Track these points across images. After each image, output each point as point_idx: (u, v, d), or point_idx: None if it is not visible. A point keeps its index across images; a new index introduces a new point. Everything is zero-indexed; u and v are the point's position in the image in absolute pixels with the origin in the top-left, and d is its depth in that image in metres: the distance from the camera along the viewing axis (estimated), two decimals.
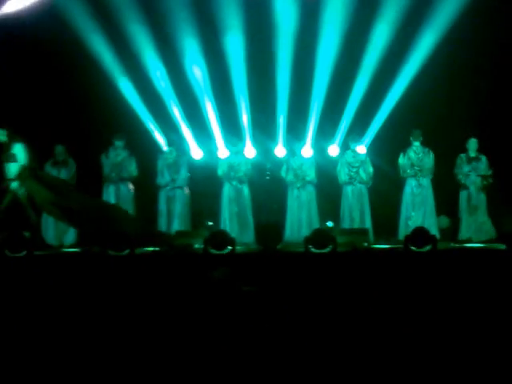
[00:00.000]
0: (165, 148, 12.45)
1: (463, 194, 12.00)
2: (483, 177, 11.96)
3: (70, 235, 11.96)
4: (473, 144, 11.99)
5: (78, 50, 12.13)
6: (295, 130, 12.48)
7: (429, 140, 12.07)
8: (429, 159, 12.00)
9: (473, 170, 11.95)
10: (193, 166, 12.42)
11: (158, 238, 10.81)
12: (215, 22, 12.28)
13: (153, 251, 10.48)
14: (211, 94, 12.60)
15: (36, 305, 7.70)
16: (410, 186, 12.05)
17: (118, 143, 12.07)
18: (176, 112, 12.64)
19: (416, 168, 12.00)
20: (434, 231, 11.06)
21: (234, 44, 12.36)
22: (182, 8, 12.28)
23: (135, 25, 12.30)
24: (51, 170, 12.01)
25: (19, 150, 10.84)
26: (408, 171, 12.01)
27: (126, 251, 9.59)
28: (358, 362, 6.61)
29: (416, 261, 9.41)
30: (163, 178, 12.18)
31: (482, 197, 11.98)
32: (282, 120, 12.52)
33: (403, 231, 11.42)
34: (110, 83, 12.41)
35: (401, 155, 12.04)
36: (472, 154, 12.01)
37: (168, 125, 12.56)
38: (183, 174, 12.19)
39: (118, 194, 12.09)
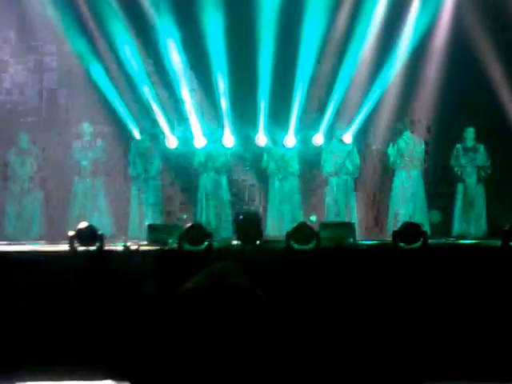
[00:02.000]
0: (137, 136, 12.37)
1: (459, 188, 11.98)
2: (481, 167, 11.91)
3: (36, 228, 11.96)
4: (470, 133, 11.97)
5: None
6: (277, 117, 12.42)
7: (420, 128, 12.02)
8: (420, 149, 11.96)
9: (469, 162, 11.88)
10: (167, 156, 12.40)
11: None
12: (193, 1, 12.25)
13: (124, 247, 10.05)
14: (187, 77, 12.48)
15: None
16: (400, 178, 12.01)
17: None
18: (149, 97, 12.51)
19: (406, 159, 11.92)
20: (424, 226, 10.73)
21: (213, 24, 12.26)
22: None
23: (107, 5, 12.23)
24: (15, 159, 12.03)
25: None
26: (398, 162, 11.94)
27: (95, 246, 9.26)
28: (342, 359, 6.78)
29: (405, 258, 9.13)
30: (135, 168, 12.15)
31: (480, 189, 11.97)
32: (263, 106, 12.43)
33: (392, 226, 11.25)
34: (80, 64, 12.35)
35: (389, 144, 11.99)
36: (469, 143, 11.97)
37: (140, 111, 12.49)
38: (156, 164, 12.16)
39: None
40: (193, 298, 1.74)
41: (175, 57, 12.40)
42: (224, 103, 12.42)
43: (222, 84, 12.40)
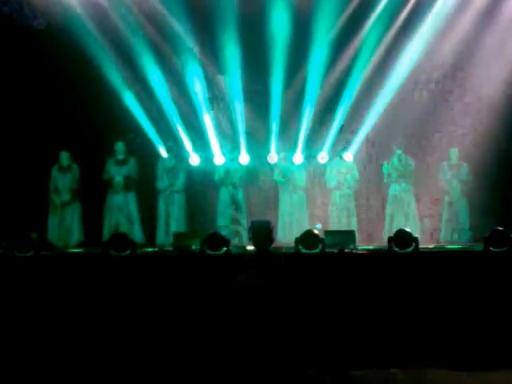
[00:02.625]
0: (164, 154, 12.70)
1: (445, 199, 12.34)
2: (463, 182, 12.26)
3: (75, 235, 12.26)
4: (453, 154, 12.40)
5: (82, 59, 12.25)
6: (287, 138, 12.76)
7: (413, 148, 12.46)
8: (410, 166, 12.31)
9: (453, 177, 12.26)
10: (190, 172, 12.67)
11: None
12: (212, 31, 12.41)
13: (153, 252, 10.62)
14: (208, 106, 12.80)
15: (42, 305, 8.05)
16: (394, 190, 12.35)
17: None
18: (176, 122, 12.84)
19: (399, 174, 12.27)
20: (416, 233, 11.03)
21: (230, 53, 12.48)
22: (178, 18, 12.50)
23: (137, 37, 12.47)
24: (57, 176, 12.29)
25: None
26: (392, 177, 12.27)
27: (127, 252, 9.32)
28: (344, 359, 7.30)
29: (399, 261, 9.25)
30: (162, 182, 12.45)
31: (464, 201, 12.31)
32: (274, 127, 12.71)
33: (387, 233, 11.36)
34: (112, 90, 12.54)
35: (385, 163, 12.34)
36: (453, 162, 12.38)
37: (168, 133, 12.77)
38: (181, 179, 12.46)
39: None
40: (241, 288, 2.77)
41: (198, 86, 12.68)
42: (240, 125, 12.75)
43: (238, 108, 12.70)
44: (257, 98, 12.81)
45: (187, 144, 12.86)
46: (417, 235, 9.97)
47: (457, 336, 7.93)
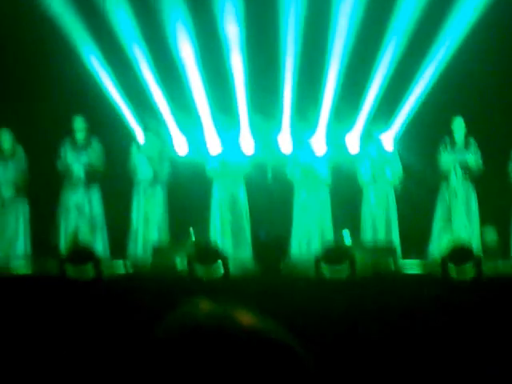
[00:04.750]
0: (141, 136, 12.41)
1: None
2: None
3: (20, 245, 11.91)
4: None
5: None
6: (304, 117, 12.36)
7: (472, 130, 11.82)
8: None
9: None
10: (174, 161, 12.45)
11: None
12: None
13: (126, 274, 10.51)
14: (201, 72, 12.64)
15: None
16: (448, 188, 11.74)
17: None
18: (156, 94, 12.70)
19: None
20: (476, 246, 11.04)
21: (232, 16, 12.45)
22: None
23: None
24: None
25: None
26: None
27: (91, 274, 9.70)
28: None
29: (456, 290, 9.34)
30: (140, 172, 12.06)
31: None
32: (288, 103, 12.50)
33: (436, 245, 11.36)
34: (73, 54, 12.40)
35: (442, 148, 11.74)
36: None
37: (146, 108, 12.60)
38: (165, 169, 12.14)
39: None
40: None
41: (189, 55, 12.45)
42: (242, 100, 12.50)
43: (240, 78, 12.50)
44: (266, 60, 12.54)
45: (171, 124, 12.63)
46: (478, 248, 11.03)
47: None
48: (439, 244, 11.14)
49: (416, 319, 8.24)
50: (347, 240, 11.33)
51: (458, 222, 11.75)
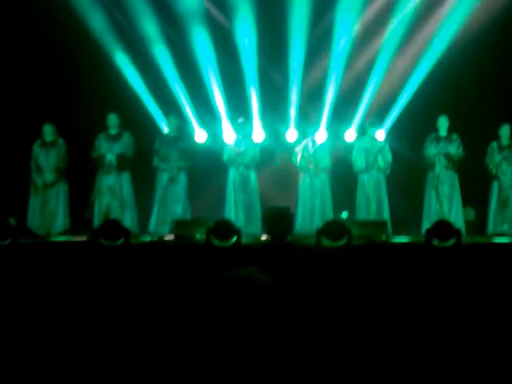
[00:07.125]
0: (165, 129, 12.74)
1: (494, 186, 12.30)
2: None
3: (59, 223, 12.27)
4: (505, 131, 12.28)
5: (70, 18, 12.42)
6: (309, 112, 12.80)
7: (456, 126, 12.25)
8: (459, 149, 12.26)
9: (504, 160, 12.18)
10: (195, 150, 12.65)
11: None
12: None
13: (150, 242, 10.68)
14: (217, 71, 12.84)
15: (20, 301, 7.77)
16: (434, 175, 12.28)
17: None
18: (178, 90, 12.95)
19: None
20: (459, 224, 11.40)
21: (243, 15, 12.68)
22: None
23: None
24: (39, 152, 12.31)
25: None
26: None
27: (120, 241, 9.68)
28: (366, 361, 6.70)
29: (438, 256, 9.38)
30: (163, 161, 12.41)
31: None
32: (294, 100, 12.77)
33: (427, 224, 11.55)
34: (106, 57, 12.66)
35: (427, 144, 12.27)
36: (505, 141, 12.29)
37: (169, 105, 12.81)
38: (187, 158, 12.43)
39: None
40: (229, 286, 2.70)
41: (205, 53, 12.78)
42: (255, 98, 12.78)
43: (252, 79, 12.75)
44: (274, 63, 12.94)
45: (192, 118, 12.93)
46: (460, 226, 10.54)
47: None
48: (430, 224, 10.90)
49: (403, 279, 8.27)
50: (345, 218, 11.84)
51: (443, 204, 12.11)
